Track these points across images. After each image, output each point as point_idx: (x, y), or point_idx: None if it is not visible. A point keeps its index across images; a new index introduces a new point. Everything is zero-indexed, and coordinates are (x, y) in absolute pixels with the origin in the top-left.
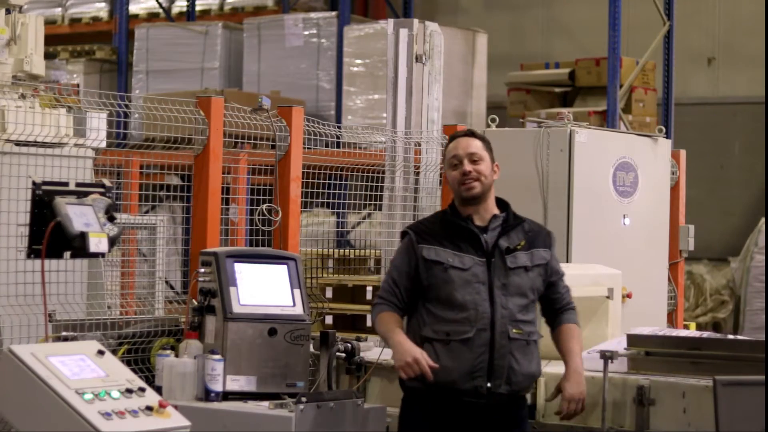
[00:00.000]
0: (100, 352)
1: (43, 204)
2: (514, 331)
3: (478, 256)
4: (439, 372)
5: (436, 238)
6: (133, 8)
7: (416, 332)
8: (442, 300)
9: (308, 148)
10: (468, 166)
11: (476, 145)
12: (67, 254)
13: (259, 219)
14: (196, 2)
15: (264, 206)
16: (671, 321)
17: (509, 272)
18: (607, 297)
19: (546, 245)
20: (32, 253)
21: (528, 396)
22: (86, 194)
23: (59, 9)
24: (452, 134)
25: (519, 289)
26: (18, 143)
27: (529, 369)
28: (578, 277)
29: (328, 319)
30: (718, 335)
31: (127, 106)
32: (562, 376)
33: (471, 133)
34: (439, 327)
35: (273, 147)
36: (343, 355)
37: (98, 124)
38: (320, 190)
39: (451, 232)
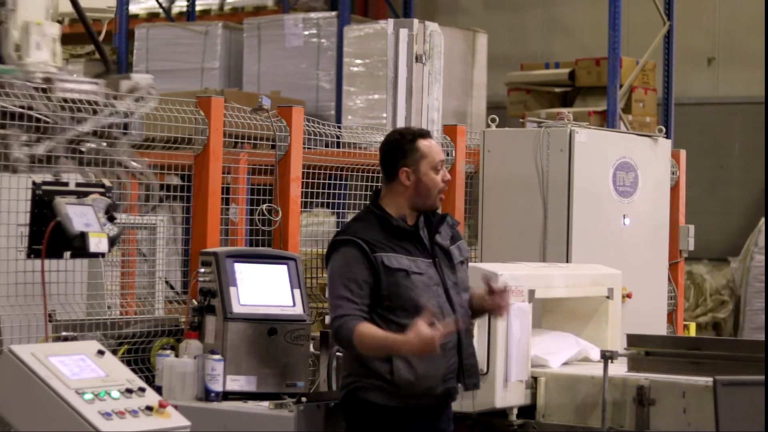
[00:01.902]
0: (100, 352)
1: (43, 204)
2: (471, 328)
3: (425, 257)
4: (415, 381)
5: (385, 244)
6: (133, 8)
7: None
8: (407, 308)
9: (308, 148)
10: (448, 175)
11: None
12: (67, 254)
13: (259, 219)
14: (196, 2)
15: (264, 206)
16: (671, 321)
17: (454, 269)
18: (607, 297)
19: (461, 237)
20: (32, 253)
21: (528, 395)
22: (86, 194)
23: None
24: (418, 131)
25: (464, 284)
26: None
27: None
28: (578, 277)
29: (328, 320)
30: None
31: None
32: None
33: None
34: None
35: (273, 147)
36: None
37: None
38: (320, 190)
39: (396, 237)
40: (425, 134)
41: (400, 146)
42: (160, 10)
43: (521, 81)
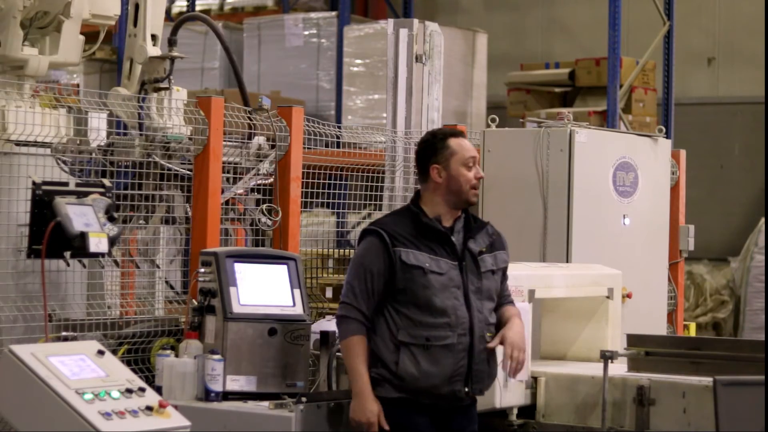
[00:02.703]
0: (100, 352)
1: (43, 204)
2: (488, 335)
3: (451, 259)
4: (419, 377)
5: (409, 240)
6: None
7: (389, 337)
8: (419, 305)
9: (308, 148)
10: (481, 172)
11: None
12: (67, 254)
13: (259, 219)
14: (196, 2)
15: (264, 206)
16: (671, 321)
17: (481, 276)
18: (607, 297)
19: (504, 247)
20: (32, 253)
21: (528, 395)
22: (86, 194)
23: None
24: (449, 131)
25: (489, 293)
26: (18, 143)
27: (495, 371)
28: (578, 277)
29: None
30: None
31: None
32: (504, 327)
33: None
34: (417, 332)
35: (273, 147)
36: None
37: (98, 124)
38: (320, 190)
39: (424, 235)
40: (457, 134)
41: (432, 145)
42: None
43: (521, 81)
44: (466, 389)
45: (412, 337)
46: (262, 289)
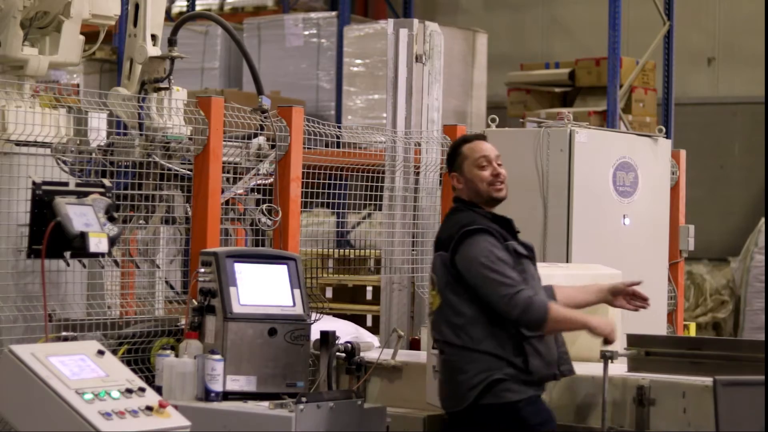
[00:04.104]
0: (100, 352)
1: (43, 204)
2: None
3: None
4: (542, 366)
5: (500, 233)
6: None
7: (507, 337)
8: None
9: (308, 148)
10: (500, 168)
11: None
12: (67, 254)
13: (259, 219)
14: (196, 2)
15: (264, 206)
16: (671, 321)
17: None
18: None
19: None
20: (32, 253)
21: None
22: (86, 194)
23: None
24: (463, 138)
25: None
26: (18, 143)
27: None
28: (578, 277)
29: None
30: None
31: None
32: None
33: (485, 139)
34: None
35: (273, 147)
36: (343, 355)
37: (98, 124)
38: (320, 190)
39: (503, 228)
40: (470, 139)
41: (449, 156)
42: None
43: (521, 81)
44: (560, 370)
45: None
46: (262, 289)
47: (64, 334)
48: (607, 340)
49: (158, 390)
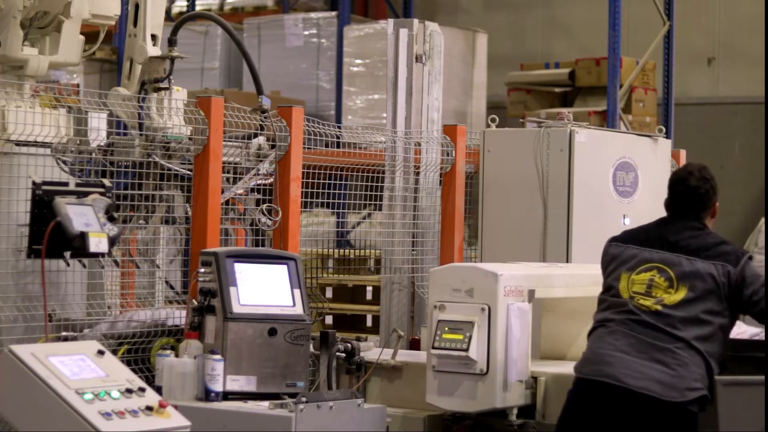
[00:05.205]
0: (100, 352)
1: (43, 204)
2: None
3: None
4: None
5: None
6: None
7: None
8: None
9: (308, 148)
10: None
11: None
12: (67, 254)
13: (259, 219)
14: (196, 2)
15: (264, 206)
16: None
17: None
18: None
19: None
20: (32, 253)
21: (528, 395)
22: (86, 194)
23: None
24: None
25: None
26: (18, 143)
27: None
28: (578, 277)
29: (328, 319)
30: None
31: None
32: None
33: None
34: None
35: (273, 147)
36: (343, 355)
37: (98, 124)
38: (320, 190)
39: None
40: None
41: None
42: None
43: (521, 81)
44: None
45: None
46: (262, 289)
47: (64, 334)
48: None
49: (158, 390)
